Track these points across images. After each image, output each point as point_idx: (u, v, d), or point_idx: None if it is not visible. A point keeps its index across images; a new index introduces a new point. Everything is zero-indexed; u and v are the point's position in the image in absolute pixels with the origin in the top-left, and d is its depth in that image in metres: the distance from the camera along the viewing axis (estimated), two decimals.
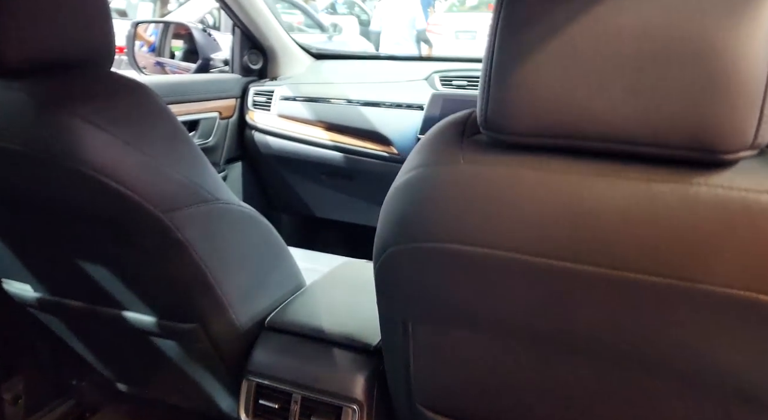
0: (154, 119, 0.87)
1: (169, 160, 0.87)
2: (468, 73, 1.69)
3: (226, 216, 0.95)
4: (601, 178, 0.46)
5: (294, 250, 1.69)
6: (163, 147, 0.87)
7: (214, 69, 1.95)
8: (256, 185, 2.08)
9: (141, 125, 0.85)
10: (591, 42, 0.44)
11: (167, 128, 0.88)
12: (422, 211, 0.55)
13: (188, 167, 0.90)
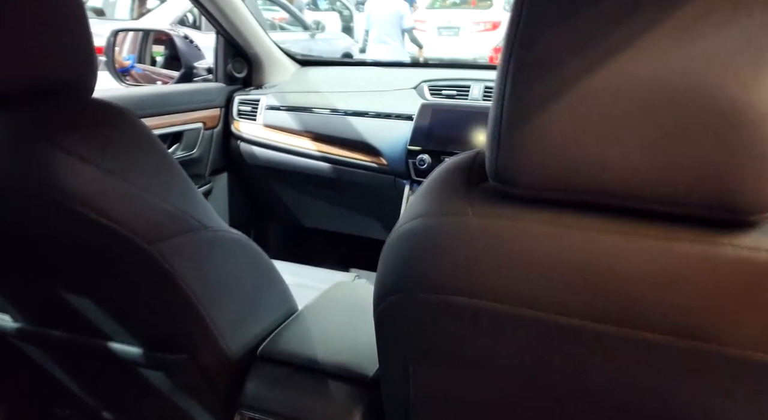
0: (140, 147, 0.83)
1: (156, 189, 0.83)
2: (457, 82, 1.67)
3: (214, 243, 0.92)
4: (620, 236, 0.44)
5: (282, 265, 1.66)
6: (150, 175, 0.83)
7: (198, 77, 1.90)
8: (243, 196, 2.05)
9: (126, 154, 0.81)
10: (606, 93, 0.41)
11: (153, 156, 0.85)
12: (428, 261, 0.52)
13: (175, 195, 0.87)
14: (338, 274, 1.60)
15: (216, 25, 1.77)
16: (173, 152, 1.71)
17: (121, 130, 0.82)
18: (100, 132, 0.79)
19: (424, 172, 1.56)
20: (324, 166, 1.77)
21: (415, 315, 0.56)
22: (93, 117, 0.80)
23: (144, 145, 0.84)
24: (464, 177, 0.54)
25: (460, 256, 0.50)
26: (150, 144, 0.85)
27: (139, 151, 0.83)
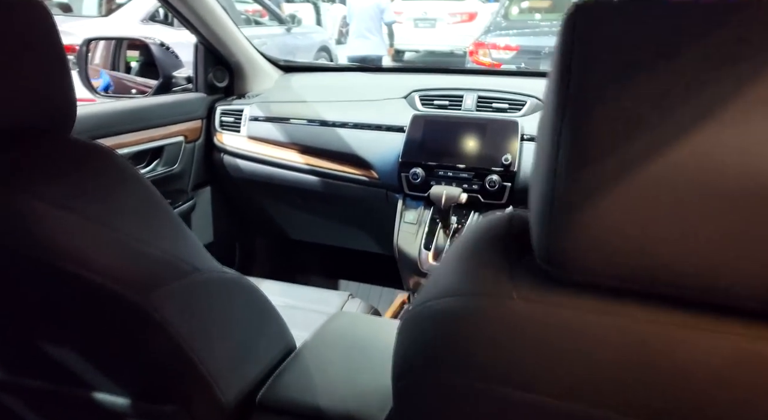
0: (124, 189, 0.77)
1: (144, 235, 0.77)
2: (449, 92, 1.61)
3: (208, 286, 0.86)
4: (695, 332, 0.39)
5: (272, 285, 1.60)
6: (136, 220, 0.77)
7: (177, 87, 1.82)
8: (227, 210, 1.97)
9: (110, 198, 0.75)
10: (685, 175, 0.36)
11: (139, 198, 0.79)
12: (463, 345, 0.47)
13: (165, 238, 0.80)
14: (330, 294, 1.54)
15: (195, 34, 1.69)
16: (153, 168, 1.63)
17: (104, 172, 0.75)
18: (80, 175, 0.72)
19: (417, 186, 1.51)
20: (312, 179, 1.70)
21: (444, 398, 0.51)
22: (72, 160, 0.73)
23: (129, 187, 0.77)
24: (501, 248, 0.49)
25: (504, 343, 0.45)
26: (135, 185, 0.78)
27: (124, 194, 0.76)
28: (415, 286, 1.56)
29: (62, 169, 0.71)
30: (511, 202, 1.47)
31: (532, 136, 1.47)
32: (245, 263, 2.08)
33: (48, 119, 0.74)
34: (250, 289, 0.96)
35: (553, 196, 0.40)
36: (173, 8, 1.57)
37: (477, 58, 5.04)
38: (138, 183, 0.79)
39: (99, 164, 0.75)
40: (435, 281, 0.52)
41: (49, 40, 0.72)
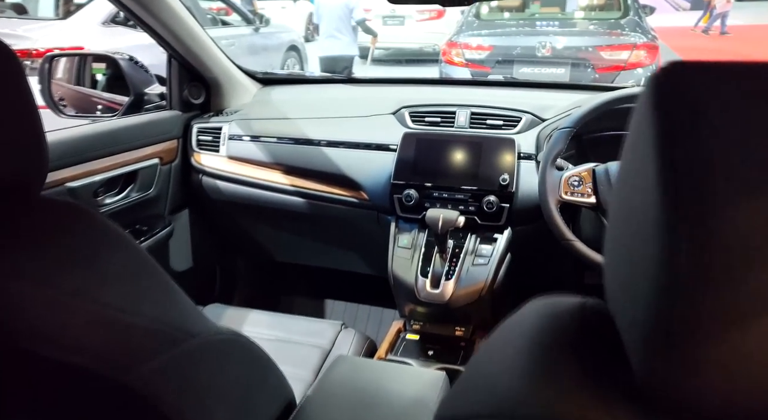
0: (106, 254, 0.68)
1: (130, 303, 0.68)
2: (440, 108, 1.54)
3: (202, 353, 0.77)
4: None
5: (258, 315, 1.51)
6: (121, 287, 0.68)
7: (149, 105, 1.71)
8: (206, 233, 1.87)
9: (91, 267, 0.66)
10: None
11: (123, 262, 0.70)
12: None
13: (153, 304, 0.71)
14: (322, 325, 1.47)
15: (169, 50, 1.58)
16: (127, 195, 1.52)
17: (82, 237, 0.66)
18: (56, 244, 0.63)
19: (411, 208, 1.44)
20: (298, 200, 1.62)
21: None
22: (46, 225, 0.64)
23: (111, 251, 0.68)
24: (573, 349, 0.42)
25: None
26: (118, 248, 0.69)
27: (105, 260, 0.67)
28: (410, 313, 1.49)
29: (34, 237, 0.62)
30: (509, 223, 1.41)
31: (528, 154, 1.42)
32: (226, 288, 1.98)
33: (15, 176, 0.64)
34: (247, 347, 0.88)
35: (671, 318, 0.33)
36: (143, 23, 1.46)
37: (450, 58, 4.99)
38: (121, 245, 0.70)
39: (76, 228, 0.66)
40: (486, 384, 0.45)
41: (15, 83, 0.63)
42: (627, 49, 4.69)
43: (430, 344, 1.44)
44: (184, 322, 0.75)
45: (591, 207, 1.23)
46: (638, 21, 5.03)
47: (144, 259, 0.72)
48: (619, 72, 4.67)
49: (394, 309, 2.02)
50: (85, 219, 0.67)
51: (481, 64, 4.88)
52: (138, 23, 1.48)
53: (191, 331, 0.75)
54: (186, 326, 0.74)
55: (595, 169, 1.23)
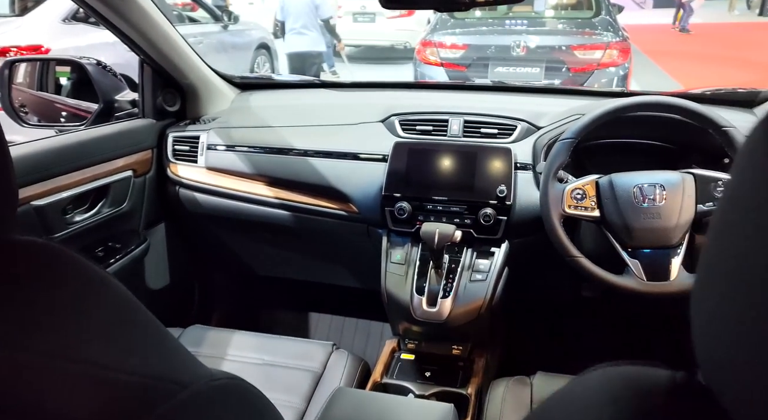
0: (86, 302, 0.59)
1: (114, 358, 0.59)
2: (431, 116, 1.48)
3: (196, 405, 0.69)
4: None
5: (245, 337, 1.43)
6: (104, 340, 0.59)
7: (120, 112, 1.60)
8: (183, 248, 1.77)
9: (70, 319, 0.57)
10: None
11: (106, 309, 0.61)
12: None
13: (142, 356, 0.63)
14: (312, 346, 1.39)
15: (143, 55, 1.48)
16: (98, 211, 1.42)
17: (59, 283, 0.57)
18: (29, 297, 0.54)
19: (403, 221, 1.37)
20: (283, 213, 1.53)
21: None
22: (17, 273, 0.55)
23: (92, 298, 0.60)
24: None
25: None
26: (99, 294, 0.61)
27: (86, 310, 0.58)
28: (405, 332, 1.43)
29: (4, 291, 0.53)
30: (506, 236, 1.35)
31: (525, 164, 1.36)
32: (205, 305, 1.89)
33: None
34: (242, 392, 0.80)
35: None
36: (112, 25, 1.36)
37: (425, 57, 4.93)
38: (103, 289, 0.61)
39: (52, 273, 0.57)
40: None
41: None
42: (600, 48, 4.71)
43: (427, 365, 1.37)
44: (175, 371, 0.66)
45: (594, 221, 1.18)
46: (610, 20, 5.05)
47: (129, 303, 0.64)
48: (593, 71, 4.69)
49: (381, 322, 1.96)
50: (61, 262, 0.58)
51: (456, 64, 4.84)
52: (106, 26, 1.37)
53: (183, 380, 0.67)
54: (177, 376, 0.66)
55: (598, 182, 1.18)
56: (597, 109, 1.18)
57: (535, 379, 1.22)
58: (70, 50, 4.12)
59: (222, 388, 0.75)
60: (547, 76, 4.72)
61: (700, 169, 1.14)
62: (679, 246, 1.11)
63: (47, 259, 0.58)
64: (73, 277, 0.58)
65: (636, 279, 1.11)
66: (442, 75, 4.90)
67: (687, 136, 1.29)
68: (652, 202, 1.12)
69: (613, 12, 5.21)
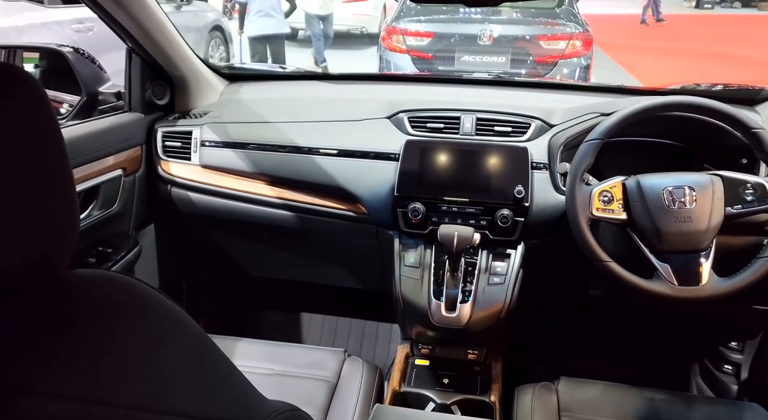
0: (166, 344, 0.53)
1: (195, 403, 0.54)
2: (442, 113, 1.43)
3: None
4: None
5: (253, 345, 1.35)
6: (185, 387, 0.54)
7: (104, 105, 1.48)
8: (174, 248, 1.66)
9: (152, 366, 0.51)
10: None
11: (183, 349, 0.55)
12: None
13: (217, 397, 0.58)
14: (323, 354, 1.33)
15: (131, 43, 1.36)
16: (89, 213, 1.31)
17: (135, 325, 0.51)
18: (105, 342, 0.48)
19: (417, 223, 1.33)
20: (285, 214, 1.46)
21: None
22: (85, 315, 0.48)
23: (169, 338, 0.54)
24: None
25: None
26: (176, 331, 0.55)
27: (166, 354, 0.52)
28: (418, 336, 1.39)
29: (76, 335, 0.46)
30: (522, 238, 1.33)
31: (540, 163, 1.34)
32: (193, 305, 1.79)
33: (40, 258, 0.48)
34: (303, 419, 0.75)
35: None
36: (104, 12, 1.24)
37: (391, 44, 4.86)
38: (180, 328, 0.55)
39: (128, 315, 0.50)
40: None
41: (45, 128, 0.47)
42: (564, 38, 4.76)
43: (443, 370, 1.34)
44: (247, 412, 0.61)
45: (622, 224, 1.16)
46: (572, 11, 5.11)
47: (203, 342, 0.58)
48: (557, 61, 4.74)
49: (387, 323, 1.91)
50: (139, 300, 0.51)
51: (422, 52, 4.79)
52: (95, 11, 1.25)
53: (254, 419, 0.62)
54: (249, 416, 0.61)
55: (625, 183, 1.16)
56: (624, 110, 1.16)
57: (559, 385, 1.21)
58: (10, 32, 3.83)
59: None
60: (513, 66, 4.74)
61: (727, 172, 1.14)
62: (708, 249, 1.11)
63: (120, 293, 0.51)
64: (152, 316, 0.52)
65: (667, 284, 1.10)
66: (408, 62, 4.85)
67: (702, 135, 1.29)
68: (682, 205, 1.11)
69: (575, 2, 5.27)
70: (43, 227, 0.47)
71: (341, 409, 1.19)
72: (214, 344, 0.60)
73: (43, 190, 0.46)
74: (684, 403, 1.19)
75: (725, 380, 1.66)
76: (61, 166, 0.48)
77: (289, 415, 0.71)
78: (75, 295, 0.49)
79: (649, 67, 8.05)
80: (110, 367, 0.46)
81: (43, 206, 0.46)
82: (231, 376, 0.62)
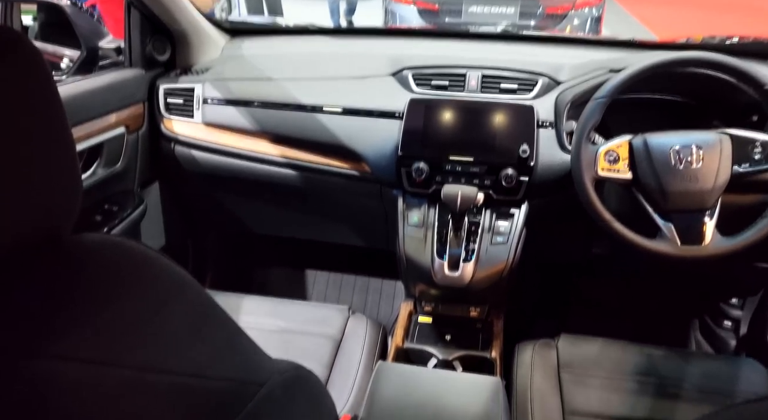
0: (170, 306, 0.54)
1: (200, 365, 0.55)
2: (447, 70, 1.40)
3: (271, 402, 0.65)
4: None
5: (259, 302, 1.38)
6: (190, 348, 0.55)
7: (104, 61, 1.46)
8: (178, 206, 1.67)
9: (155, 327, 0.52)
10: None
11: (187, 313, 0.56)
12: None
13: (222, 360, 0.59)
14: (328, 311, 1.35)
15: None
16: (94, 171, 1.31)
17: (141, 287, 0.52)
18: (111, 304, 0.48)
19: (420, 183, 1.32)
20: (289, 173, 1.46)
21: None
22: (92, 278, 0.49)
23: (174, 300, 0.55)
24: None
25: None
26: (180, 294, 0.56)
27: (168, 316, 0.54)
28: (421, 294, 1.40)
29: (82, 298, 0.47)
30: (526, 197, 1.33)
31: (546, 122, 1.32)
32: (199, 263, 1.82)
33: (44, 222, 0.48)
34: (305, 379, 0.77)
35: None
36: None
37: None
38: (184, 291, 0.56)
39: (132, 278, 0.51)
40: None
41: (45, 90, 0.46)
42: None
43: (446, 328, 1.36)
44: (252, 371, 0.63)
45: (626, 183, 1.15)
46: None
47: (208, 305, 0.59)
48: (568, 12, 4.62)
49: (391, 280, 1.93)
50: (142, 263, 0.52)
51: (429, 2, 4.67)
52: None
53: (260, 379, 0.63)
54: (254, 375, 0.62)
55: (632, 143, 1.15)
56: (633, 67, 1.13)
57: (559, 342, 1.23)
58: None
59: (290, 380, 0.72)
60: (522, 18, 4.62)
61: (736, 130, 1.12)
62: (713, 208, 1.10)
63: (123, 257, 0.52)
64: (157, 280, 0.52)
65: (670, 243, 1.10)
66: (414, 14, 4.73)
67: (713, 91, 1.27)
68: (688, 165, 1.09)
69: None
70: (45, 193, 0.47)
71: (345, 365, 1.22)
72: (219, 307, 0.61)
73: (45, 156, 0.46)
74: (681, 359, 1.21)
75: (724, 336, 1.68)
76: (61, 130, 0.48)
77: (293, 373, 0.73)
78: (80, 261, 0.49)
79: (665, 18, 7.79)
80: (115, 330, 0.47)
81: (44, 172, 0.46)
82: (236, 337, 0.63)
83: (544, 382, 1.13)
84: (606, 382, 1.14)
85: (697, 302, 1.76)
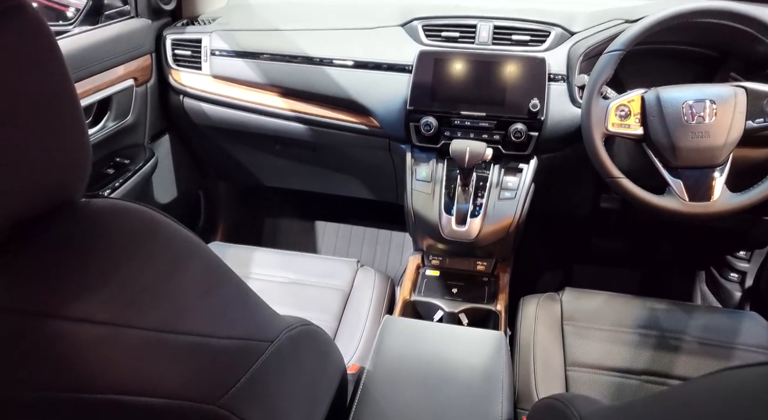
0: (181, 270, 0.55)
1: (211, 324, 0.57)
2: (458, 21, 1.37)
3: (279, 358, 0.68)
4: None
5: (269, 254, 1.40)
6: (201, 309, 0.57)
7: (111, 10, 1.44)
8: (188, 158, 1.68)
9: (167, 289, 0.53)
10: None
11: (198, 274, 0.58)
12: None
13: (232, 317, 0.61)
14: (337, 264, 1.38)
15: None
16: (104, 125, 1.32)
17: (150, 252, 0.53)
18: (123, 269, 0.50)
19: (429, 137, 1.32)
20: (297, 126, 1.46)
21: None
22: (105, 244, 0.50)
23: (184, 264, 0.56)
24: None
25: None
26: (191, 258, 0.57)
27: (179, 279, 0.55)
28: (429, 249, 1.42)
29: (96, 263, 0.49)
30: (535, 152, 1.32)
31: (558, 75, 1.30)
32: (211, 214, 1.84)
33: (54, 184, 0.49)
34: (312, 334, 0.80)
35: None
36: None
37: None
38: (195, 255, 0.57)
39: (144, 242, 0.52)
40: None
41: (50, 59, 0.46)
42: None
43: (453, 281, 1.39)
44: (261, 328, 0.65)
45: (637, 139, 1.14)
46: None
47: (218, 267, 0.61)
48: None
49: (400, 233, 1.95)
50: (153, 229, 0.53)
51: None
52: None
53: (269, 336, 0.66)
54: (263, 332, 0.65)
55: (644, 97, 1.13)
56: (649, 18, 1.10)
57: (564, 295, 1.25)
58: None
59: (298, 336, 0.75)
60: None
61: (752, 83, 1.09)
62: (723, 164, 1.09)
63: (135, 222, 0.53)
64: (167, 244, 0.54)
65: (678, 199, 1.10)
66: None
67: (731, 42, 1.23)
68: (701, 119, 1.08)
69: None
70: (55, 160, 0.48)
71: (354, 317, 1.25)
72: (229, 268, 0.63)
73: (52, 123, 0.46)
74: (684, 312, 1.23)
75: (729, 288, 1.70)
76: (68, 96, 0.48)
77: (302, 329, 0.76)
78: (92, 225, 0.50)
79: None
80: (128, 293, 0.49)
81: (52, 139, 0.47)
82: (245, 297, 0.65)
83: (547, 334, 1.16)
84: (608, 335, 1.16)
85: (704, 254, 1.77)
